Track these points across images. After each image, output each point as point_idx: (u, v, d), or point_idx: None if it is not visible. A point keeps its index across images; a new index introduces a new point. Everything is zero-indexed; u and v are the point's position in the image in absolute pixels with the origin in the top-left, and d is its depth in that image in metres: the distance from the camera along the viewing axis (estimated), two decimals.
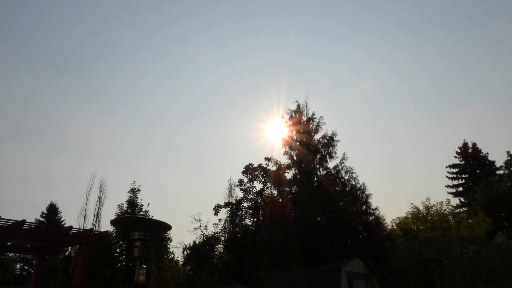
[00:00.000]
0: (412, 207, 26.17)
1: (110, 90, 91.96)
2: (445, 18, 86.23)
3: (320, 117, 25.72)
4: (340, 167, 23.98)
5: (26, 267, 36.52)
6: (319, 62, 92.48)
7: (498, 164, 38.49)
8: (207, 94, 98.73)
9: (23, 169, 75.05)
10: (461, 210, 36.20)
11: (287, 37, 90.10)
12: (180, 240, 57.19)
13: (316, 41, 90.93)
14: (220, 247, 27.11)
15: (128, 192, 32.64)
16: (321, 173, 24.37)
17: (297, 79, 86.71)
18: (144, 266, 13.27)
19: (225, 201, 28.34)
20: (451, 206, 27.95)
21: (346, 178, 23.69)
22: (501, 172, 36.30)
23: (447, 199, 26.66)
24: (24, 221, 12.93)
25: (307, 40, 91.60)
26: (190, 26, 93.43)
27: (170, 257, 35.55)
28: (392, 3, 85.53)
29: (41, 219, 42.14)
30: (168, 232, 34.78)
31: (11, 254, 29.72)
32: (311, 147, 24.61)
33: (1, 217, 12.36)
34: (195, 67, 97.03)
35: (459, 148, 41.69)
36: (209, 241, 25.18)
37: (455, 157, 41.68)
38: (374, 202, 25.53)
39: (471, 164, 40.17)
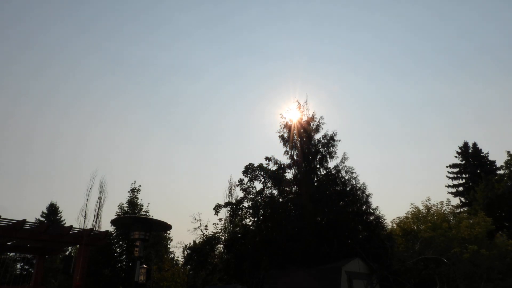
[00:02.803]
0: (412, 207, 26.24)
1: (110, 85, 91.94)
2: (448, 16, 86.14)
3: (320, 117, 25.73)
4: (341, 167, 23.91)
5: (27, 267, 36.51)
6: (336, 48, 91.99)
7: (498, 164, 38.50)
8: (213, 87, 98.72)
9: (23, 169, 75.07)
10: (461, 210, 36.16)
11: (304, 25, 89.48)
12: (180, 240, 57.28)
13: (333, 30, 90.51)
14: (220, 247, 27.05)
15: (129, 192, 32.65)
16: (321, 173, 24.31)
17: (313, 66, 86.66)
18: (144, 266, 13.25)
19: (225, 201, 28.25)
20: (451, 206, 28.00)
21: (346, 178, 23.60)
22: (501, 172, 36.27)
23: (447, 199, 26.73)
24: (24, 221, 12.96)
25: (324, 27, 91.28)
26: (204, 15, 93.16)
27: (170, 257, 35.60)
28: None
29: (41, 219, 42.10)
30: (168, 232, 34.79)
31: (11, 254, 29.77)
32: (311, 146, 24.59)
33: (1, 217, 12.38)
34: (198, 60, 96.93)
35: (460, 148, 41.65)
36: (209, 241, 25.08)
37: (456, 157, 41.65)
38: (374, 202, 25.43)
39: (472, 164, 40.11)
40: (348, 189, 23.15)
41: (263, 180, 25.34)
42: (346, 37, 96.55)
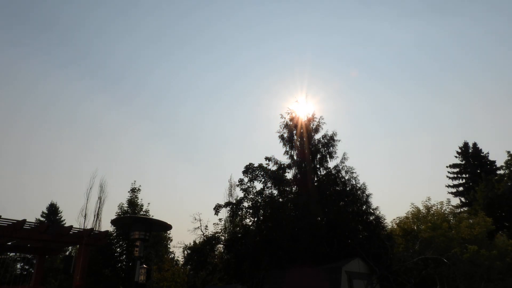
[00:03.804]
0: (412, 207, 26.22)
1: (118, 83, 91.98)
2: (448, 16, 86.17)
3: (320, 117, 25.89)
4: (341, 166, 23.96)
5: (27, 267, 36.48)
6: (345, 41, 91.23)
7: (498, 164, 38.51)
8: (217, 87, 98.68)
9: (23, 169, 75.06)
10: (462, 210, 36.16)
11: (313, 19, 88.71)
12: (181, 240, 57.27)
13: (342, 22, 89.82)
14: (220, 247, 27.04)
15: (129, 192, 32.67)
16: (321, 173, 24.35)
17: (321, 60, 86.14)
18: (144, 266, 13.23)
19: (226, 201, 28.25)
20: (452, 206, 28.00)
21: (346, 178, 23.64)
22: (501, 172, 36.28)
23: (448, 199, 26.72)
24: (24, 221, 12.95)
25: (333, 21, 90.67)
26: (213, 11, 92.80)
27: (170, 257, 35.58)
28: None
29: (42, 218, 42.08)
30: (168, 232, 34.78)
31: (11, 254, 29.71)
32: (311, 146, 24.62)
33: (1, 217, 12.36)
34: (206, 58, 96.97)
35: (460, 148, 41.66)
36: (209, 241, 25.08)
37: (456, 157, 41.66)
38: (374, 202, 25.44)
39: (472, 164, 40.10)
40: (348, 189, 23.17)
41: (263, 180, 25.35)
42: (353, 32, 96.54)
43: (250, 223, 25.50)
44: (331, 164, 24.41)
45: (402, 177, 78.05)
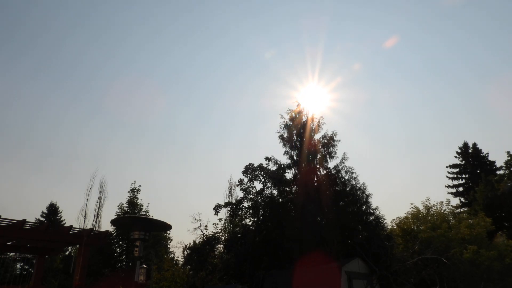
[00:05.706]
0: (412, 207, 26.22)
1: (117, 79, 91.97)
2: (452, 14, 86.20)
3: (320, 117, 25.99)
4: (340, 167, 24.06)
5: (27, 267, 36.53)
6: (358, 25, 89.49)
7: (498, 164, 38.60)
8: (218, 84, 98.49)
9: (23, 168, 75.13)
10: (461, 210, 36.22)
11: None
12: (180, 240, 57.20)
13: (355, 5, 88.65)
14: (220, 247, 27.09)
15: (129, 192, 32.68)
16: (321, 173, 24.42)
17: (334, 43, 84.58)
18: (144, 266, 13.28)
19: (225, 201, 28.28)
20: (451, 206, 28.01)
21: (346, 178, 23.74)
22: (501, 172, 36.38)
23: (447, 199, 26.73)
24: (24, 221, 12.99)
25: (345, 3, 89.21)
26: None
27: (170, 257, 35.60)
28: None
29: (41, 218, 42.10)
30: (168, 232, 34.84)
31: (11, 254, 29.76)
32: (311, 147, 24.69)
33: (1, 217, 12.41)
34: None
35: (460, 148, 41.73)
36: (209, 241, 25.12)
37: (455, 157, 41.72)
38: (374, 202, 25.52)
39: (472, 164, 40.17)
40: (348, 189, 23.26)
41: (263, 180, 25.40)
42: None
43: (250, 223, 25.55)
44: (331, 164, 24.54)
45: (402, 177, 78.14)
